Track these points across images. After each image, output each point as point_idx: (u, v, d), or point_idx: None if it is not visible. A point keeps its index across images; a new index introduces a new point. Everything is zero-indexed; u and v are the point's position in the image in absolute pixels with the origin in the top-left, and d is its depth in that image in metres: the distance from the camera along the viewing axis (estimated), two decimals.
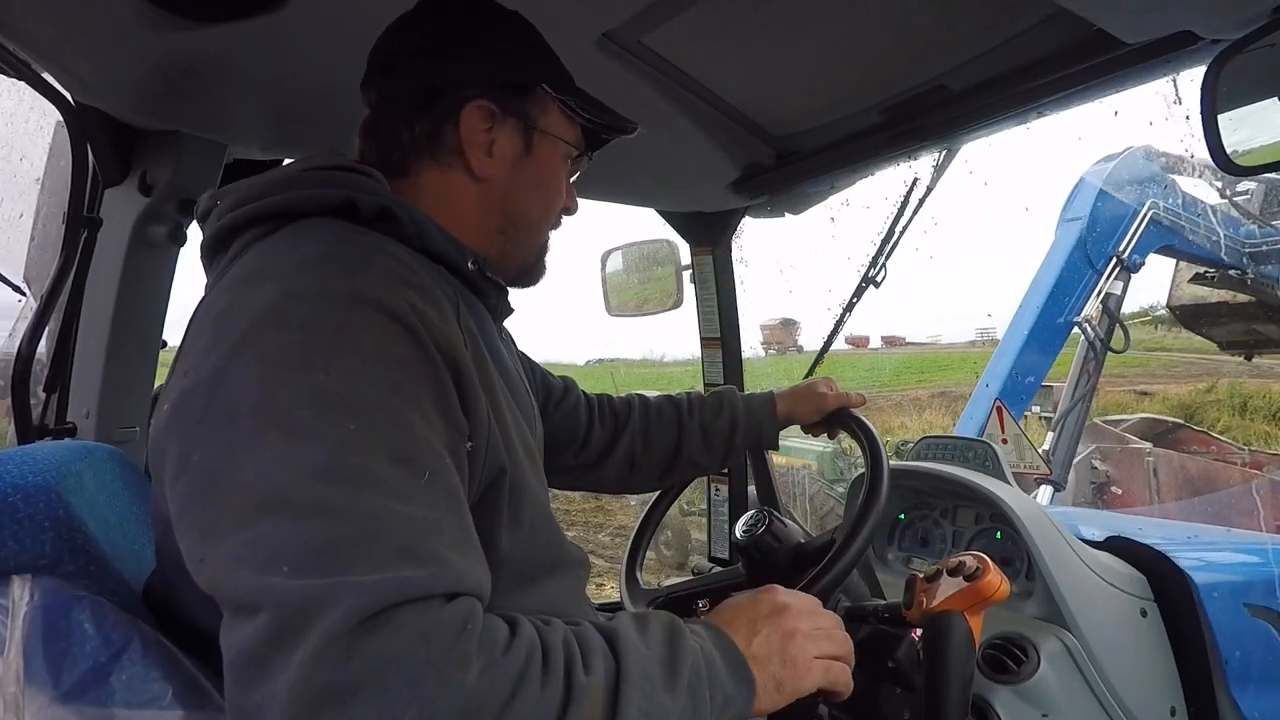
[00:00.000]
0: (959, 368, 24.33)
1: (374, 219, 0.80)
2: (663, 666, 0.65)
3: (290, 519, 0.56)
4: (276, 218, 0.78)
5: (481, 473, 0.74)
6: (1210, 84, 0.95)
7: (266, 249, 0.76)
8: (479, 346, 0.80)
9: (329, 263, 0.71)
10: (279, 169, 0.84)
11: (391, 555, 0.56)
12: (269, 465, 0.58)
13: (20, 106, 1.42)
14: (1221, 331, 8.33)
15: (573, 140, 0.97)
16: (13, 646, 0.63)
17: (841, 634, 0.83)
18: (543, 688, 0.57)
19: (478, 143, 0.88)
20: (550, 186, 0.97)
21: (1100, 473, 7.85)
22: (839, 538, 1.09)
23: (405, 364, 0.65)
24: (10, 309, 1.43)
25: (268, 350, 0.63)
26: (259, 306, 0.65)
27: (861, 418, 1.26)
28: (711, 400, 1.37)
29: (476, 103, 0.87)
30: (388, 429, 0.61)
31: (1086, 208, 5.69)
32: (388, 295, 0.68)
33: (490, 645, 0.57)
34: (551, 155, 0.95)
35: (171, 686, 0.68)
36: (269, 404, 0.60)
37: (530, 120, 0.92)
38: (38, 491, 0.75)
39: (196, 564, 0.60)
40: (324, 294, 0.66)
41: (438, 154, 0.89)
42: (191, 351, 0.69)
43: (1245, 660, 1.29)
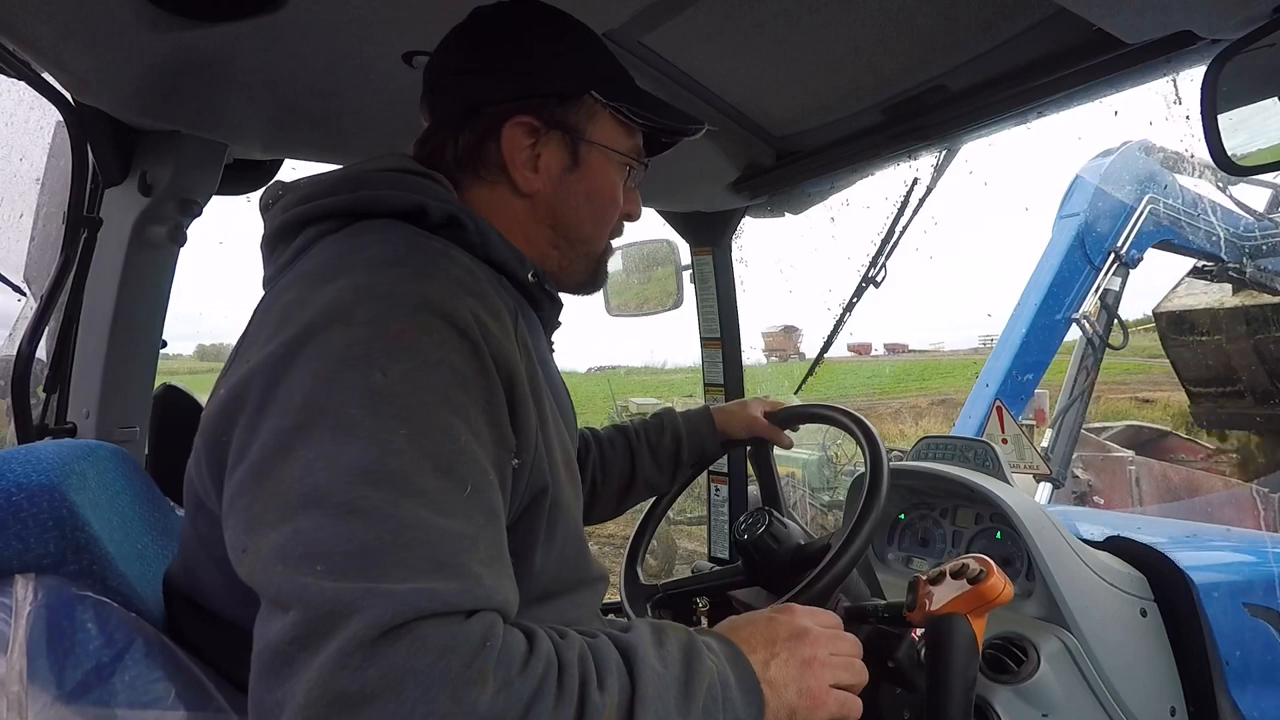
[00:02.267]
0: (960, 375, 24.34)
1: (441, 225, 0.81)
2: (678, 687, 0.64)
3: (329, 517, 0.56)
4: (345, 215, 0.79)
5: (525, 490, 0.74)
6: (1210, 84, 0.95)
7: (335, 246, 0.77)
8: (533, 360, 0.80)
9: (400, 265, 0.71)
10: (350, 168, 0.85)
11: (424, 566, 0.56)
12: (316, 461, 0.58)
13: (20, 106, 1.42)
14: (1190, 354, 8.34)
15: (626, 148, 0.95)
16: (16, 646, 0.63)
17: (859, 663, 0.82)
18: (556, 706, 0.57)
19: (522, 160, 0.88)
20: (603, 197, 0.94)
21: (1082, 481, 7.83)
22: (836, 543, 1.09)
23: (461, 375, 0.66)
24: (9, 315, 1.43)
25: (331, 345, 0.63)
26: (327, 302, 0.66)
27: (861, 418, 1.26)
28: (654, 422, 1.42)
29: (517, 119, 0.87)
30: (435, 438, 0.61)
31: (1084, 203, 5.70)
32: (453, 303, 0.68)
33: (508, 664, 0.56)
34: (603, 165, 0.93)
35: (174, 687, 0.68)
36: (324, 399, 0.61)
37: (576, 131, 0.90)
38: (41, 490, 0.75)
39: (239, 553, 0.61)
40: (392, 295, 0.67)
41: (482, 170, 0.89)
42: (256, 340, 0.70)
43: (1245, 660, 1.29)
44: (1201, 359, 8.33)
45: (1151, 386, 17.20)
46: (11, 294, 1.43)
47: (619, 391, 20.95)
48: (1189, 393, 9.06)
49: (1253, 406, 8.28)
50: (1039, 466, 4.80)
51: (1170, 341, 8.57)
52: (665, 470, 1.38)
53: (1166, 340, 8.60)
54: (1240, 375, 8.13)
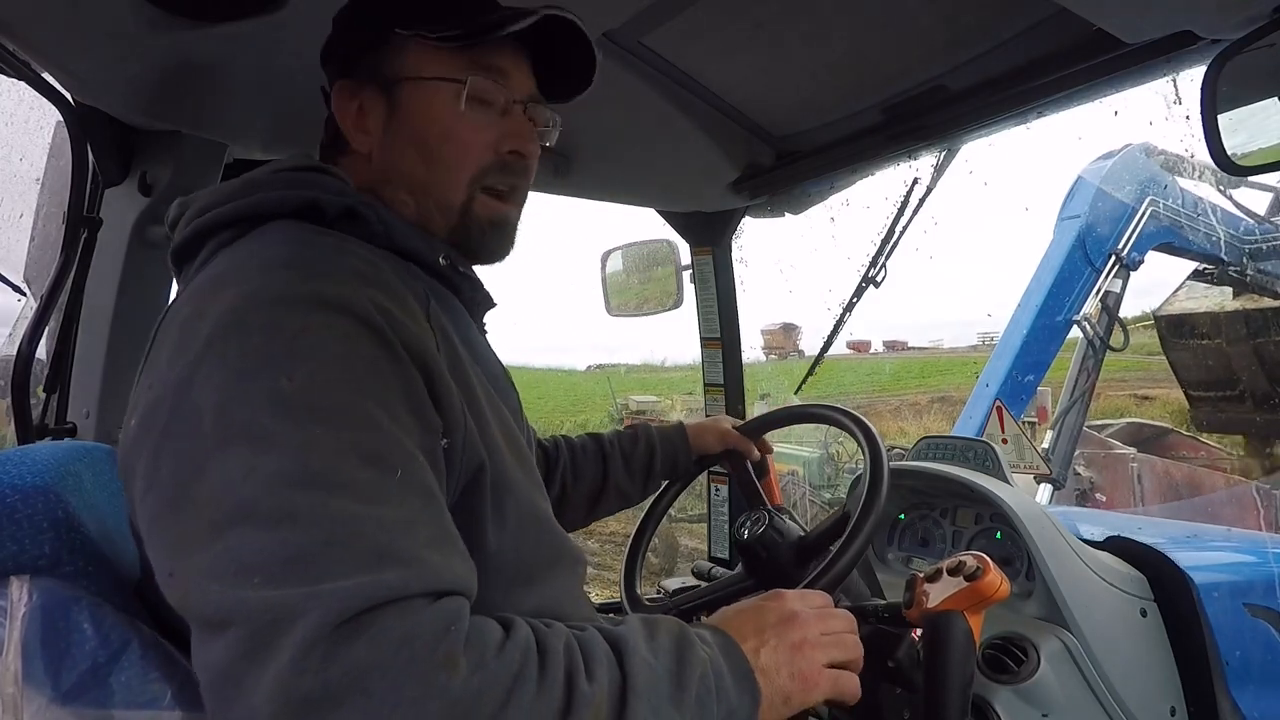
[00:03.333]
0: (959, 372, 24.32)
1: (338, 219, 0.79)
2: (670, 678, 0.64)
3: (258, 529, 0.54)
4: (243, 222, 0.77)
5: (460, 470, 0.72)
6: (1210, 84, 0.95)
7: (231, 254, 0.75)
8: (452, 343, 0.78)
9: (289, 266, 0.69)
10: (248, 173, 0.83)
11: (365, 558, 0.55)
12: (235, 475, 0.56)
13: (20, 106, 1.42)
14: (1190, 357, 8.35)
15: (448, 71, 0.85)
16: (11, 647, 0.62)
17: (852, 638, 0.82)
18: (539, 691, 0.56)
19: (350, 123, 0.87)
20: (430, 134, 0.85)
21: (1084, 479, 7.83)
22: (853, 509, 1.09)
23: (371, 364, 0.64)
24: (9, 315, 1.43)
25: (230, 358, 0.61)
26: (220, 313, 0.64)
27: (860, 417, 1.26)
28: (628, 433, 1.42)
29: (337, 85, 0.88)
30: (355, 430, 0.60)
31: (1085, 206, 5.70)
32: (350, 296, 0.66)
33: (480, 647, 0.56)
34: (422, 99, 0.85)
35: (170, 687, 0.67)
36: (232, 412, 0.59)
37: (383, 75, 0.86)
38: (36, 492, 0.75)
39: (166, 578, 0.59)
40: (284, 298, 0.65)
41: (338, 143, 0.89)
42: (157, 362, 0.68)
43: (1245, 660, 1.29)
44: (1201, 361, 8.34)
45: (1151, 383, 17.20)
46: (11, 294, 1.43)
47: (619, 389, 20.96)
48: (1188, 396, 9.07)
49: (1252, 410, 8.29)
50: (1039, 466, 4.81)
51: (1170, 344, 8.58)
52: (637, 480, 1.39)
53: (1166, 343, 8.62)
54: (1240, 378, 8.14)
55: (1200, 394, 8.78)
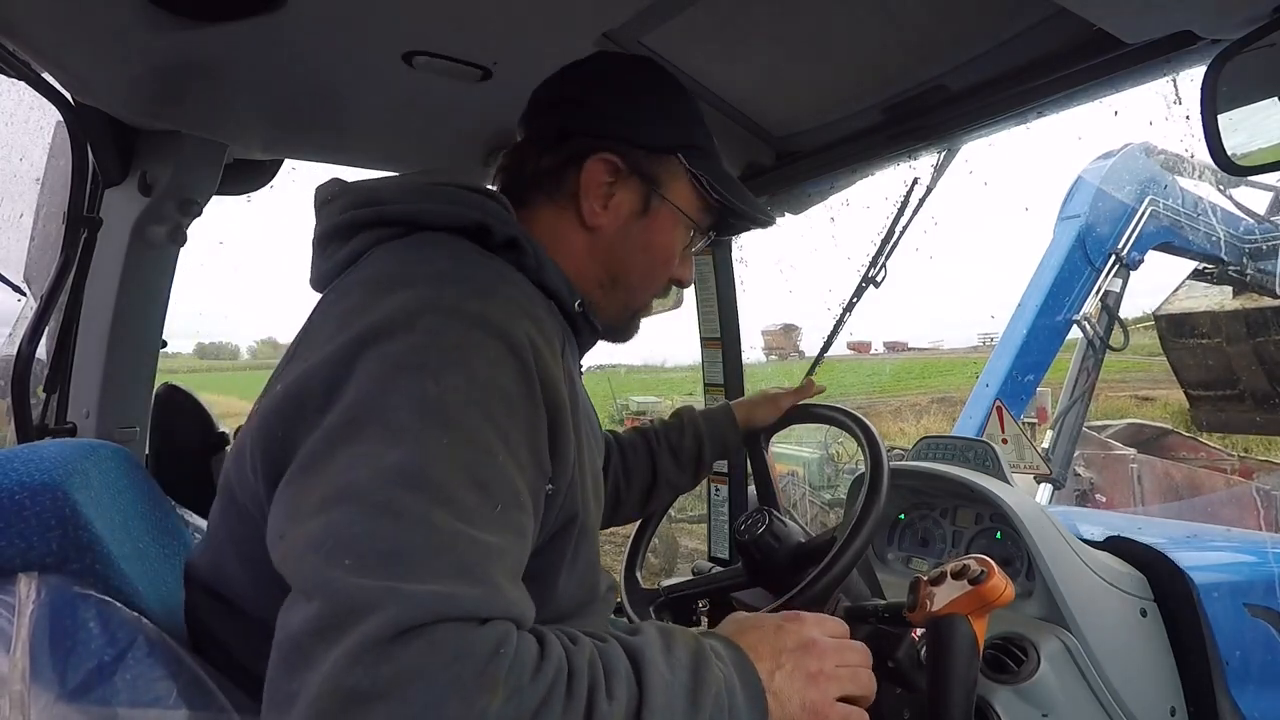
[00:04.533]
0: (960, 372, 24.33)
1: (501, 246, 0.82)
2: (685, 694, 0.64)
3: (362, 513, 0.57)
4: (403, 224, 0.81)
5: (556, 517, 0.76)
6: (1210, 84, 0.95)
7: (396, 255, 0.79)
8: (575, 387, 0.81)
9: (463, 282, 0.73)
10: (409, 178, 0.87)
11: (447, 571, 0.57)
12: (359, 459, 0.60)
13: (20, 106, 1.42)
14: (1190, 357, 8.35)
15: (694, 214, 0.97)
16: (19, 644, 0.63)
17: (866, 673, 0.82)
18: (564, 713, 0.57)
19: (596, 193, 0.91)
20: (660, 252, 0.97)
21: (1084, 479, 7.83)
22: (840, 535, 1.09)
23: (508, 396, 0.67)
24: (9, 315, 1.43)
25: (390, 352, 0.65)
26: (391, 309, 0.68)
27: (861, 417, 1.26)
28: (674, 422, 1.42)
29: (603, 155, 0.90)
30: (475, 453, 0.63)
31: (1085, 205, 5.70)
32: (511, 323, 0.70)
33: (519, 672, 0.57)
34: (669, 223, 0.96)
35: (176, 686, 0.68)
36: (377, 401, 0.63)
37: (654, 184, 0.93)
38: (44, 489, 0.75)
39: (276, 539, 0.62)
40: (454, 310, 0.69)
41: (555, 194, 0.92)
42: (314, 340, 0.73)
43: (1245, 660, 1.29)
44: (1201, 361, 8.33)
45: (1151, 384, 17.21)
46: (11, 294, 1.43)
47: (619, 390, 20.96)
48: (1189, 395, 9.06)
49: (1252, 409, 8.28)
50: (1039, 466, 4.81)
51: (1170, 344, 8.57)
52: (687, 470, 1.39)
53: (1166, 343, 8.61)
54: (1240, 378, 8.13)
55: (1200, 393, 8.78)
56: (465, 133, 1.57)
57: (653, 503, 1.40)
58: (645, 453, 1.37)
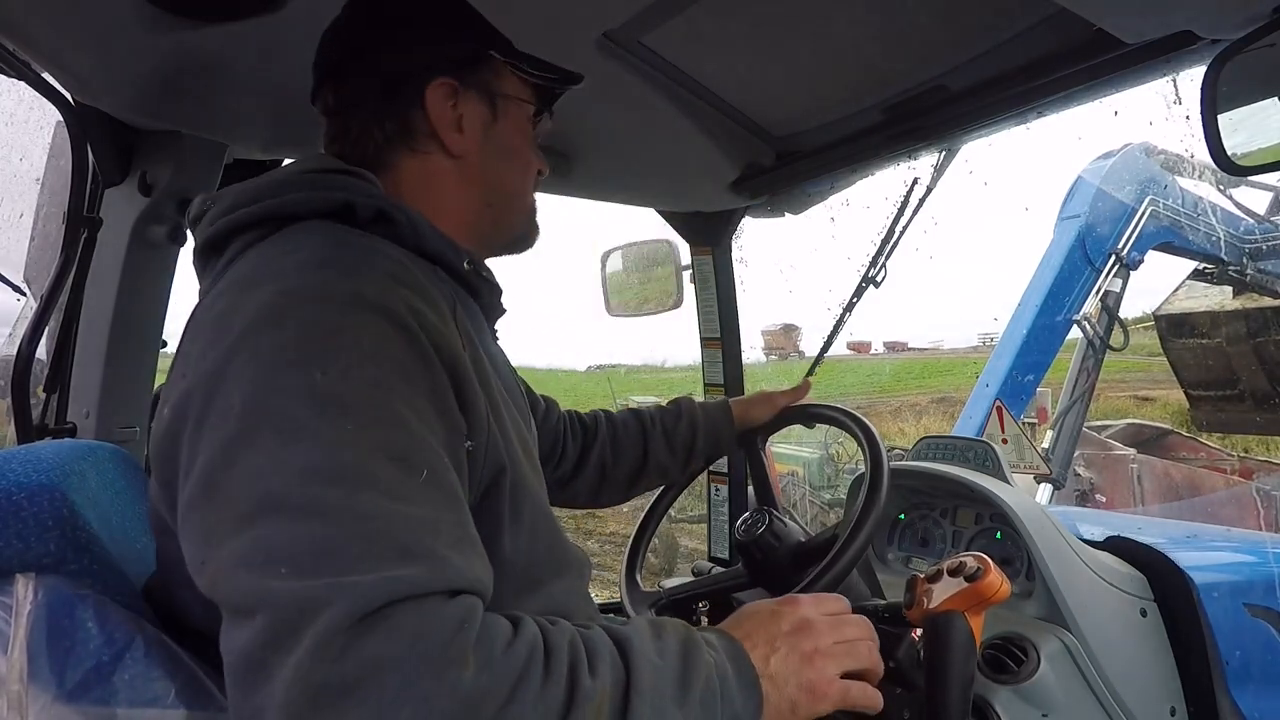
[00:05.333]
0: (960, 372, 24.28)
1: (370, 221, 0.80)
2: (675, 679, 0.64)
3: (287, 520, 0.56)
4: (272, 221, 0.78)
5: (482, 473, 0.74)
6: (1210, 84, 0.95)
7: (263, 252, 0.76)
8: (476, 347, 0.80)
9: (327, 265, 0.71)
10: (273, 173, 0.85)
11: (388, 554, 0.56)
12: (266, 466, 0.58)
13: (20, 106, 1.42)
14: (1191, 358, 8.34)
15: (531, 100, 0.98)
16: (16, 645, 0.63)
17: (866, 645, 0.82)
18: (543, 688, 0.57)
19: (447, 121, 0.89)
20: (523, 149, 0.97)
21: (1084, 479, 7.82)
22: (841, 532, 1.09)
23: (402, 364, 0.66)
24: (9, 315, 1.43)
25: (264, 351, 0.63)
26: (256, 308, 0.66)
27: (860, 417, 1.26)
28: (671, 409, 1.41)
29: (437, 83, 0.88)
30: (384, 428, 0.61)
31: (1085, 205, 5.70)
32: (385, 297, 0.68)
33: (489, 643, 0.56)
34: (517, 118, 0.96)
35: (174, 686, 0.68)
36: (265, 404, 0.60)
37: (490, 87, 0.93)
38: (41, 490, 0.75)
39: (198, 567, 0.60)
40: (322, 295, 0.67)
41: (412, 143, 0.89)
42: (189, 354, 0.70)
43: (1245, 660, 1.29)
44: (1201, 361, 8.32)
45: (1151, 384, 17.19)
46: (11, 294, 1.43)
47: (619, 390, 20.97)
48: (1189, 395, 9.04)
49: (1253, 409, 8.27)
50: (1039, 466, 4.81)
51: (1170, 344, 8.56)
52: (679, 457, 1.38)
53: (1166, 342, 8.60)
54: (1240, 378, 8.12)
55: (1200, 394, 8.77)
56: None
57: (639, 485, 1.39)
58: (638, 433, 1.37)
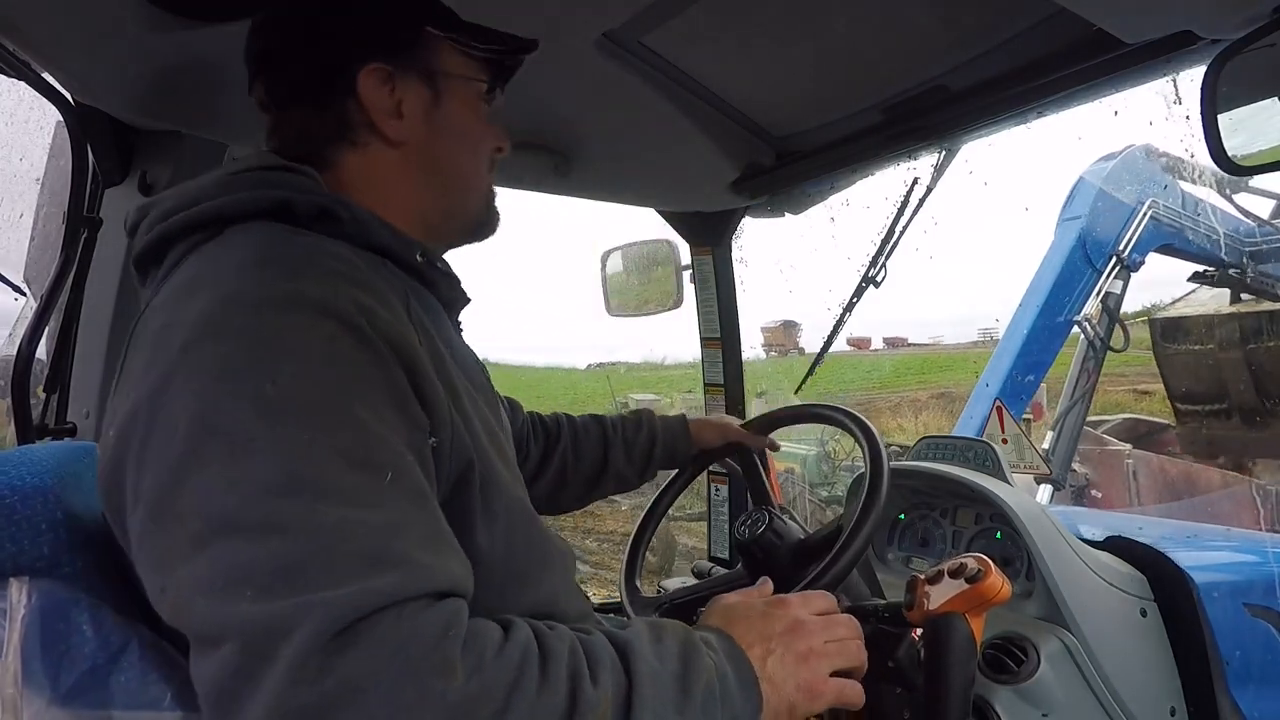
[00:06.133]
0: (960, 368, 24.24)
1: (313, 219, 0.76)
2: (676, 683, 0.63)
3: (246, 540, 0.53)
4: (211, 224, 0.74)
5: (449, 468, 0.71)
6: (1210, 84, 0.95)
7: (202, 258, 0.72)
8: (433, 340, 0.76)
9: (266, 267, 0.68)
10: (211, 174, 0.80)
11: (356, 565, 0.53)
12: (218, 485, 0.55)
13: (20, 106, 1.42)
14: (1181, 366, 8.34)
15: (478, 75, 0.91)
16: (10, 649, 0.62)
17: (856, 644, 0.81)
18: (539, 695, 0.55)
19: (384, 108, 0.84)
20: (472, 130, 0.91)
21: (1080, 475, 7.81)
22: (846, 523, 1.09)
23: (354, 364, 0.63)
24: (9, 315, 1.43)
25: (207, 363, 0.60)
26: (195, 318, 0.62)
27: (860, 416, 1.26)
28: (632, 419, 1.43)
29: (368, 69, 0.82)
30: (341, 433, 0.58)
31: (1086, 207, 5.71)
32: (330, 296, 0.64)
33: (479, 649, 0.55)
34: (463, 97, 0.90)
35: (170, 689, 0.67)
36: (212, 419, 0.57)
37: (428, 66, 0.87)
38: (35, 493, 0.74)
39: (158, 594, 0.58)
40: (262, 300, 0.63)
41: (351, 135, 0.84)
42: (132, 371, 0.67)
43: (1245, 660, 1.29)
44: (1192, 370, 8.32)
45: (1150, 378, 17.14)
46: (11, 294, 1.43)
47: (618, 388, 20.97)
48: (1176, 411, 9.04)
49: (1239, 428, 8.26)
50: (1039, 466, 4.80)
51: (1162, 349, 8.58)
52: (636, 465, 1.39)
53: (1158, 348, 8.61)
54: (1229, 391, 8.12)
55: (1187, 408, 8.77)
56: None
57: (597, 491, 1.40)
58: (599, 439, 1.38)
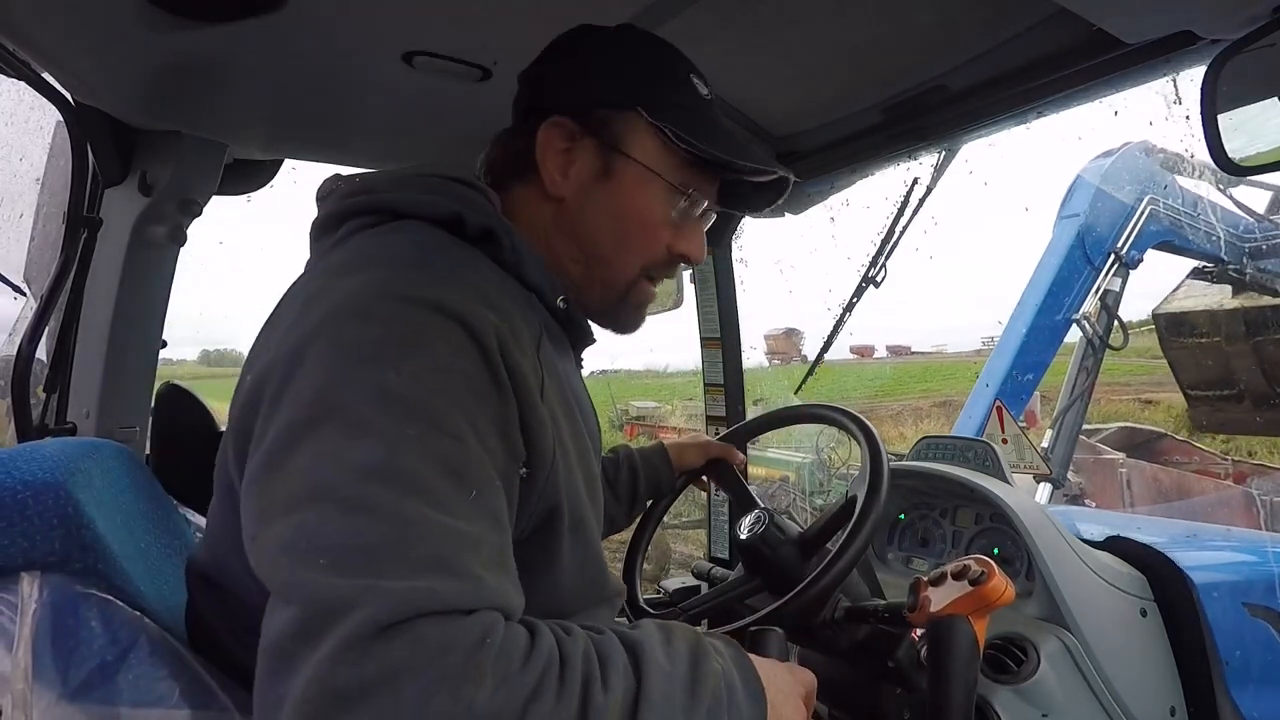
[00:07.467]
0: (962, 376, 24.22)
1: (477, 237, 0.81)
2: (684, 687, 0.64)
3: (335, 512, 0.56)
4: (384, 214, 0.80)
5: (537, 504, 0.74)
6: (1210, 84, 0.95)
7: (365, 242, 0.78)
8: (558, 381, 0.80)
9: (420, 267, 0.72)
10: (401, 169, 0.86)
11: (425, 564, 0.56)
12: (324, 455, 0.59)
13: (20, 106, 1.42)
14: (1189, 358, 8.34)
15: (667, 172, 0.88)
16: (21, 643, 0.63)
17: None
18: (556, 703, 0.56)
19: (553, 160, 0.88)
20: (631, 217, 0.89)
21: (1073, 484, 7.82)
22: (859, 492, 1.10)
23: (472, 380, 0.66)
24: (9, 315, 1.43)
25: (345, 341, 0.64)
26: (343, 296, 0.67)
27: (860, 418, 1.26)
28: (611, 459, 1.43)
29: (555, 120, 0.87)
30: (444, 439, 0.61)
31: (1084, 204, 5.69)
32: (469, 310, 0.67)
33: (507, 661, 0.56)
34: (638, 184, 0.88)
35: (178, 685, 0.68)
36: (336, 394, 0.61)
37: (612, 141, 0.87)
38: (46, 488, 0.75)
39: (250, 540, 0.62)
40: (408, 296, 0.67)
41: (524, 172, 0.89)
42: (277, 327, 0.72)
43: (1245, 660, 1.29)
44: (1200, 361, 8.32)
45: (1154, 388, 17.16)
46: (11, 294, 1.43)
47: (621, 395, 20.97)
48: (1187, 396, 9.04)
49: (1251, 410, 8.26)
50: (1039, 466, 4.80)
51: (1168, 343, 8.56)
52: (623, 504, 1.40)
53: (1165, 342, 8.60)
54: (1239, 379, 8.11)
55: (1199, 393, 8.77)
56: (465, 133, 1.57)
57: None
58: None
